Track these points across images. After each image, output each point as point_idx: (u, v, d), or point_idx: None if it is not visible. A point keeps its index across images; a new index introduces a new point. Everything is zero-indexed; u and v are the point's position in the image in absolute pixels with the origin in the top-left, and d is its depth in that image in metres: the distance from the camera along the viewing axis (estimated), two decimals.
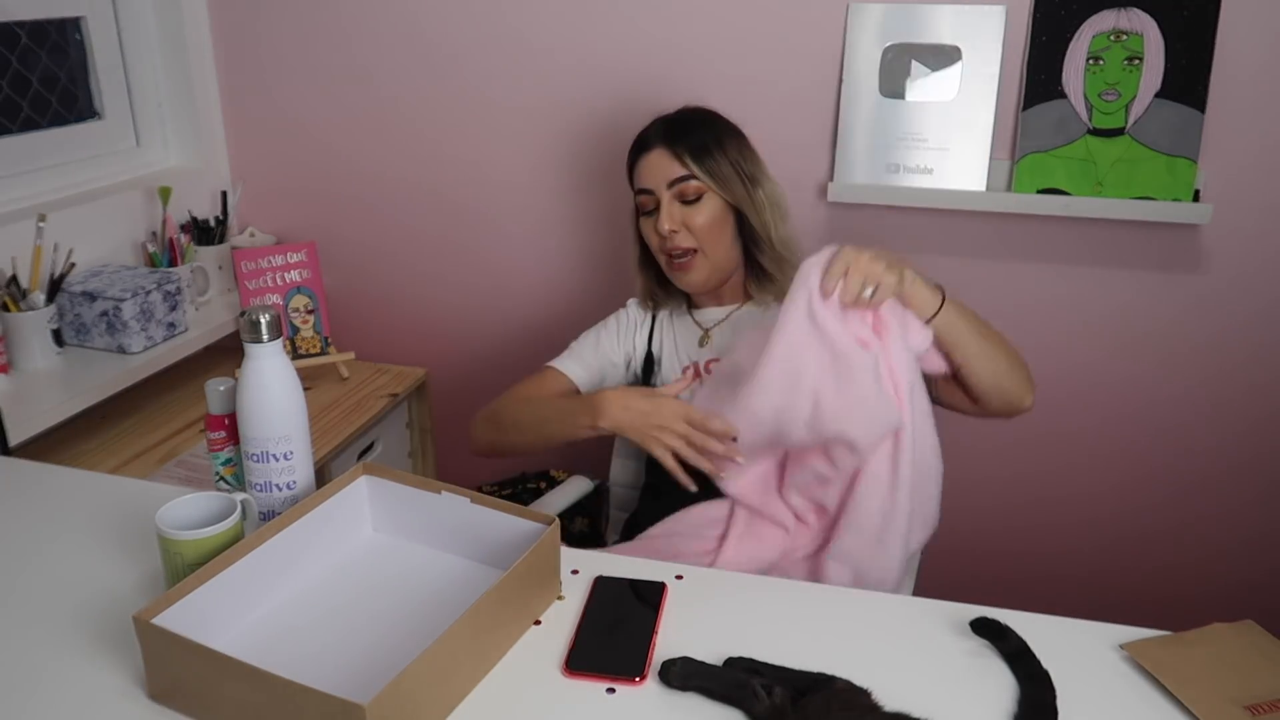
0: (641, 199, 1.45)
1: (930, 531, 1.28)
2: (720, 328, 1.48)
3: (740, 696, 0.88)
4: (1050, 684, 0.90)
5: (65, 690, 0.90)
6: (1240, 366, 1.80)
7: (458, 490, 1.07)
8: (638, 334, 1.55)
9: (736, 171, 1.41)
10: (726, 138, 1.43)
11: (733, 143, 1.44)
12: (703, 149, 1.40)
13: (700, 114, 1.48)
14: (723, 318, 1.48)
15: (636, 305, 1.58)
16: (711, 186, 1.40)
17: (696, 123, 1.45)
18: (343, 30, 2.03)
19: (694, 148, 1.40)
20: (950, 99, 1.75)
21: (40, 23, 1.90)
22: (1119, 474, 1.92)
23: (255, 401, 1.06)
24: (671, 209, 1.41)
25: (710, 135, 1.42)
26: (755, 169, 1.44)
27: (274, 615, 1.00)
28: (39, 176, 1.87)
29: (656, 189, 1.42)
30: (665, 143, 1.42)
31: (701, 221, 1.40)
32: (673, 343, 1.53)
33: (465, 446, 2.26)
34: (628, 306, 1.59)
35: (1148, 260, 1.78)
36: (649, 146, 1.43)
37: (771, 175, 1.47)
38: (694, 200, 1.40)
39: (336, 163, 2.14)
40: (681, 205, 1.41)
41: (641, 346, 1.54)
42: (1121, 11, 1.65)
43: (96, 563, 1.10)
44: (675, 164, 1.40)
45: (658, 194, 1.42)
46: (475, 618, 0.89)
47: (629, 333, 1.56)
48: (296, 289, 2.02)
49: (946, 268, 1.87)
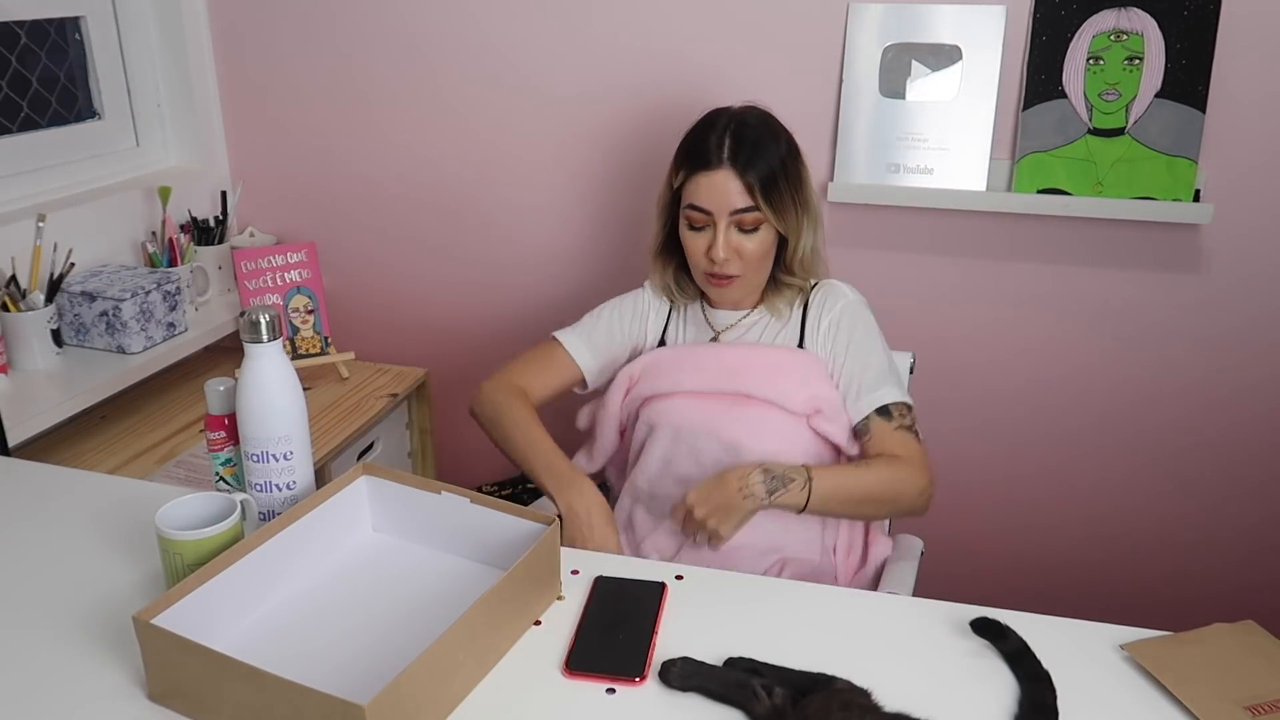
0: (693, 215, 1.37)
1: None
2: (731, 331, 1.46)
3: (740, 697, 0.88)
4: (1050, 684, 0.90)
5: (65, 690, 0.90)
6: (1240, 366, 1.80)
7: (458, 490, 1.07)
8: (652, 321, 1.52)
9: (793, 200, 1.37)
10: (790, 161, 1.37)
11: (794, 166, 1.38)
12: (771, 181, 1.34)
13: (764, 128, 1.38)
14: (735, 321, 1.46)
15: (654, 286, 1.53)
16: (772, 221, 1.35)
17: (762, 142, 1.35)
18: (342, 30, 2.03)
19: (764, 179, 1.33)
20: (950, 99, 1.75)
21: (40, 22, 1.90)
22: (1119, 473, 1.92)
23: (255, 401, 1.06)
24: (729, 236, 1.35)
25: (777, 160, 1.35)
26: (807, 189, 1.39)
27: (274, 615, 1.00)
28: (39, 176, 1.87)
29: (717, 213, 1.35)
30: (734, 166, 1.33)
31: (753, 249, 1.37)
32: (685, 339, 1.51)
33: (465, 446, 2.27)
34: (644, 288, 1.54)
35: (1148, 260, 1.78)
36: (712, 164, 1.34)
37: (811, 183, 1.41)
38: (751, 229, 1.35)
39: (336, 163, 2.14)
40: (738, 233, 1.36)
41: (655, 336, 1.52)
42: (1122, 11, 1.65)
43: (96, 563, 1.09)
44: (743, 194, 1.33)
45: (715, 217, 1.35)
46: (475, 618, 0.89)
47: (643, 319, 1.52)
48: (296, 289, 2.02)
49: (946, 268, 1.87)
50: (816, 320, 1.42)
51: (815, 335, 1.42)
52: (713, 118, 1.39)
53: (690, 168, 1.37)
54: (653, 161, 1.35)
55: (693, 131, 1.41)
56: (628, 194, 1.96)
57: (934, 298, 1.89)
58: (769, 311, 1.45)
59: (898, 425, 1.35)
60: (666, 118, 1.49)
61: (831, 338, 1.41)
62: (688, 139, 1.40)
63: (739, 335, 1.46)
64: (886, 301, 1.92)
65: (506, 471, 2.24)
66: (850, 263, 1.89)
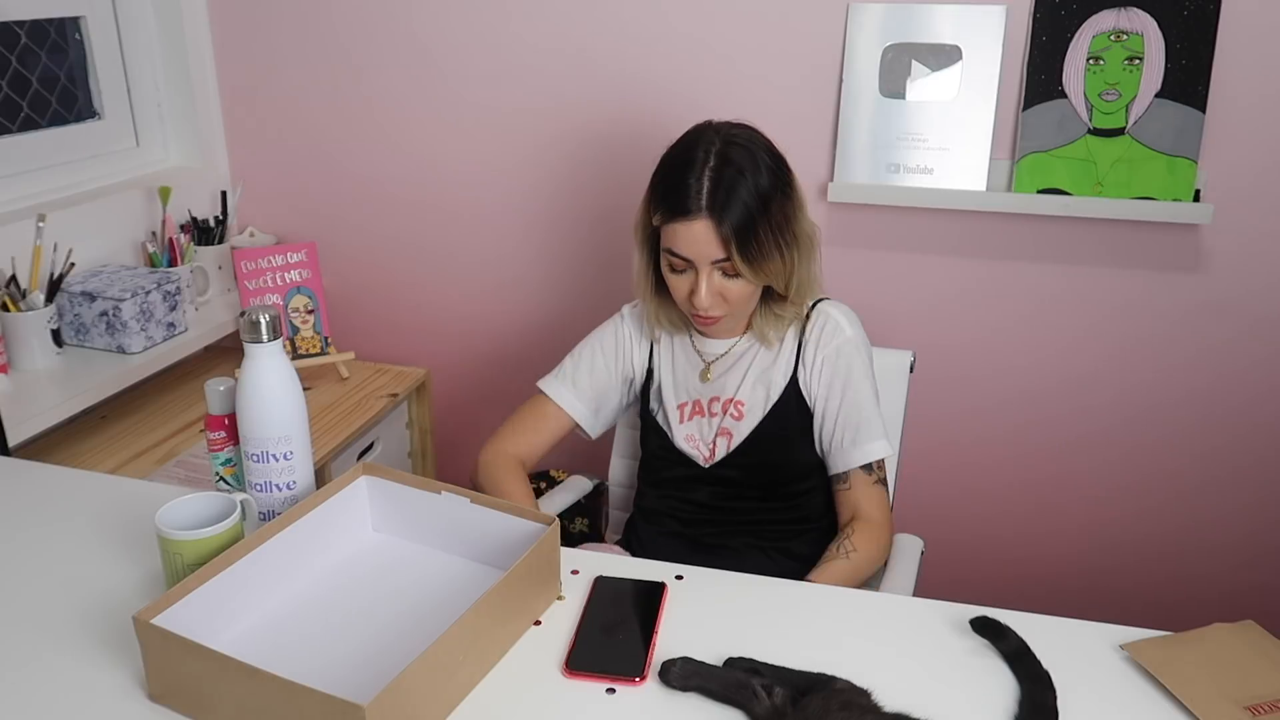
0: (672, 259, 1.31)
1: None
2: (721, 361, 1.43)
3: (740, 696, 0.88)
4: (1050, 684, 0.90)
5: (65, 690, 0.90)
6: (1240, 366, 1.80)
7: (458, 490, 1.07)
8: (636, 352, 1.49)
9: (777, 244, 1.29)
10: (774, 197, 1.28)
11: (779, 203, 1.29)
12: (748, 230, 1.26)
13: (746, 161, 1.28)
14: (724, 351, 1.43)
15: (633, 313, 1.50)
16: (748, 276, 1.29)
17: (743, 181, 1.26)
18: (343, 30, 2.03)
19: (739, 229, 1.26)
20: (950, 99, 1.75)
21: (40, 22, 1.90)
22: (1119, 474, 1.92)
23: (255, 401, 1.06)
24: (712, 281, 1.30)
25: (757, 204, 1.26)
26: (795, 224, 1.32)
27: (274, 615, 1.00)
28: (39, 176, 1.87)
29: (697, 261, 1.29)
30: (710, 215, 1.26)
31: (738, 292, 1.32)
32: (673, 368, 1.47)
33: (465, 446, 2.27)
34: (623, 315, 1.50)
35: (1148, 260, 1.78)
36: (689, 213, 1.26)
37: (807, 212, 1.35)
38: (735, 275, 1.30)
39: (336, 163, 2.14)
40: (721, 277, 1.31)
41: (641, 366, 1.49)
42: (1122, 11, 1.65)
43: (96, 563, 1.09)
44: (719, 246, 1.27)
45: (697, 264, 1.30)
46: (475, 618, 0.89)
47: (626, 351, 1.49)
48: (296, 289, 2.02)
49: (946, 268, 1.88)
50: (812, 355, 1.40)
51: (808, 370, 1.40)
52: (692, 151, 1.29)
53: (667, 212, 1.30)
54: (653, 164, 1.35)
55: (671, 161, 1.32)
56: (628, 195, 1.95)
57: (934, 298, 1.89)
58: (759, 339, 1.41)
59: (875, 479, 1.39)
60: (667, 118, 1.49)
61: (826, 378, 1.39)
62: (666, 173, 1.32)
63: (729, 365, 1.43)
64: (886, 301, 1.93)
65: None
66: (850, 263, 1.90)
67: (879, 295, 1.91)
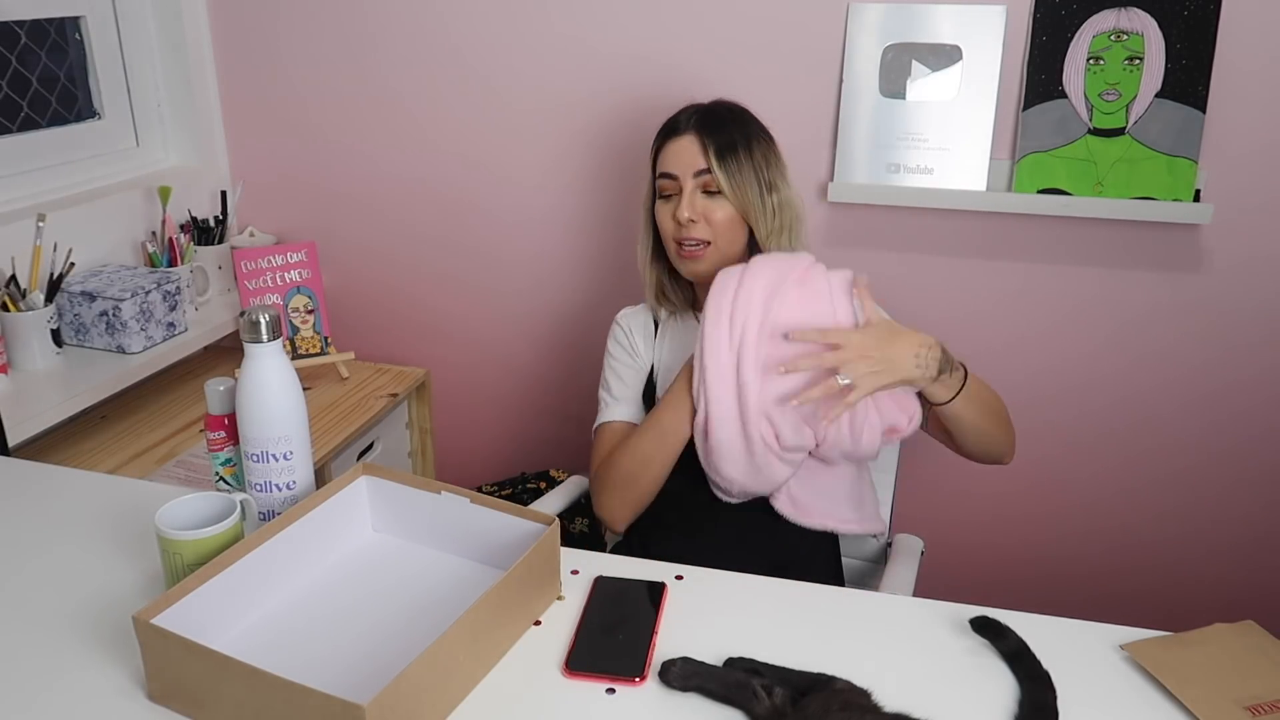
0: (663, 183, 1.43)
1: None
2: None
3: (740, 697, 0.88)
4: (1050, 684, 0.90)
5: (65, 690, 0.90)
6: (1241, 366, 1.80)
7: (458, 490, 1.07)
8: (641, 343, 1.53)
9: (756, 177, 1.40)
10: (755, 140, 1.42)
11: (760, 146, 1.42)
12: (729, 147, 1.39)
13: (735, 110, 1.46)
14: None
15: (627, 315, 1.55)
16: (723, 184, 1.38)
17: (730, 118, 1.43)
18: (342, 30, 2.03)
19: (721, 145, 1.39)
20: (950, 99, 1.75)
21: (40, 22, 1.90)
22: (1119, 473, 1.92)
23: (255, 401, 1.06)
24: (694, 199, 1.40)
25: (740, 134, 1.41)
26: (776, 175, 1.43)
27: (274, 615, 1.00)
28: (39, 176, 1.87)
29: (681, 175, 1.40)
30: (697, 131, 1.40)
31: (721, 217, 1.40)
32: (671, 351, 1.50)
33: (465, 446, 2.27)
34: (618, 321, 1.55)
35: (1148, 260, 1.78)
36: (679, 131, 1.42)
37: (793, 185, 1.45)
38: (716, 193, 1.39)
39: (336, 162, 2.14)
40: (704, 196, 1.40)
41: (649, 353, 1.52)
42: (1122, 11, 1.65)
43: (96, 563, 1.09)
44: (701, 155, 1.39)
45: (681, 181, 1.40)
46: (475, 618, 0.89)
47: (633, 348, 1.53)
48: (296, 289, 2.02)
49: (946, 268, 1.88)
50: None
51: None
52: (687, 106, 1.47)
53: (661, 139, 1.46)
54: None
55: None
56: (628, 194, 1.96)
57: (934, 298, 1.89)
58: None
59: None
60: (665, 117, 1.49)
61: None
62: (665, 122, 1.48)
63: None
64: (885, 302, 1.93)
65: (506, 471, 2.24)
66: (850, 263, 1.88)
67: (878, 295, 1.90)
